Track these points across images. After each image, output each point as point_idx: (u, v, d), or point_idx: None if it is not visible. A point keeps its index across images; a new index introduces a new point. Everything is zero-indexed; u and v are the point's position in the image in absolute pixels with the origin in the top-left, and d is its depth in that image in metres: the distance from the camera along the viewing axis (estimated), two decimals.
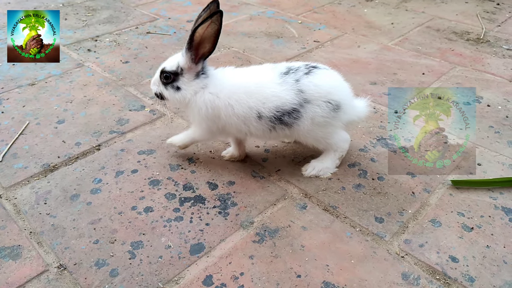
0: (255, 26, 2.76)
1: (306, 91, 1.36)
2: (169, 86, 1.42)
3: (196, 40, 1.34)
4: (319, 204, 1.42)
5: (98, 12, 2.92)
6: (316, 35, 2.65)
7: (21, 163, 1.57)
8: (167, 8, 3.03)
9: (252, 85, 1.38)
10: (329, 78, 1.42)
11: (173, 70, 1.40)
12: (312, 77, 1.38)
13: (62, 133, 1.73)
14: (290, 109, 1.36)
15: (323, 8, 3.10)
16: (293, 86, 1.36)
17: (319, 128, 1.41)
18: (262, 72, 1.42)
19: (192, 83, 1.40)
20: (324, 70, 1.44)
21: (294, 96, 1.35)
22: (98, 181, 1.50)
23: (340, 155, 1.54)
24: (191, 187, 1.48)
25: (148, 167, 1.56)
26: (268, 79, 1.38)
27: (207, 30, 1.33)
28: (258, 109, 1.36)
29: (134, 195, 1.44)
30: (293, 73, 1.39)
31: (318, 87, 1.37)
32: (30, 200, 1.41)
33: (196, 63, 1.38)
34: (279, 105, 1.36)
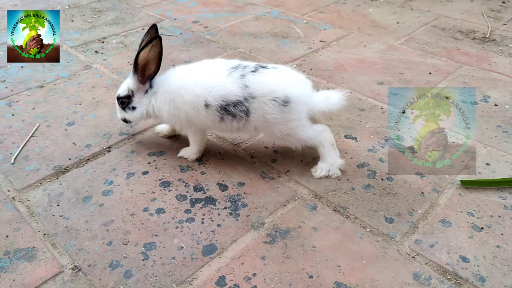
0: (261, 27, 2.77)
1: (250, 86, 1.41)
2: (127, 109, 1.56)
3: (141, 63, 1.47)
4: (329, 205, 1.43)
5: (104, 14, 2.93)
6: (322, 35, 2.66)
7: (33, 165, 1.59)
8: (173, 9, 3.04)
9: (199, 75, 1.48)
10: (273, 76, 1.45)
11: (125, 94, 1.54)
12: (257, 75, 1.43)
13: (72, 135, 1.75)
14: (235, 100, 1.41)
15: (328, 7, 3.10)
16: (238, 80, 1.42)
17: (277, 126, 1.45)
18: (212, 65, 1.51)
19: (143, 99, 1.54)
20: (271, 70, 1.47)
21: (238, 89, 1.41)
22: (109, 182, 1.51)
23: (329, 145, 1.52)
24: (201, 188, 1.49)
25: (158, 169, 1.58)
26: (216, 71, 1.47)
27: (150, 54, 1.46)
28: (204, 97, 1.43)
29: (145, 196, 1.45)
30: (241, 69, 1.45)
31: (261, 85, 1.41)
32: (43, 202, 1.43)
33: (143, 83, 1.52)
34: (224, 94, 1.42)
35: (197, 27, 2.76)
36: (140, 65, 1.47)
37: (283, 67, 1.52)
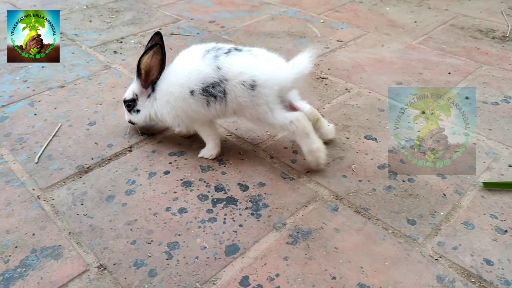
0: (277, 26, 2.77)
1: (222, 68, 1.44)
2: (132, 111, 1.66)
3: (143, 69, 1.53)
4: (350, 206, 1.43)
5: (122, 14, 2.96)
6: (339, 35, 2.65)
7: (56, 164, 1.61)
8: (189, 9, 3.05)
9: (178, 66, 1.53)
10: (243, 59, 1.45)
11: (131, 97, 1.64)
12: (229, 57, 1.45)
13: (94, 134, 1.77)
14: (212, 82, 1.44)
15: (345, 7, 3.09)
16: (211, 62, 1.45)
17: (248, 110, 1.47)
18: (188, 52, 1.54)
19: (146, 103, 1.62)
20: (243, 53, 1.48)
21: (212, 71, 1.44)
22: (131, 182, 1.53)
23: (302, 134, 1.48)
24: (222, 188, 1.50)
25: (179, 169, 1.59)
26: (192, 56, 1.51)
27: (152, 60, 1.53)
28: (187, 85, 1.47)
29: (167, 196, 1.47)
30: (215, 51, 1.47)
31: (231, 67, 1.43)
32: (67, 201, 1.45)
33: (146, 88, 1.59)
34: (201, 77, 1.45)
35: (214, 27, 2.77)
36: (142, 71, 1.54)
37: (258, 50, 1.51)
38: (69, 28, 2.75)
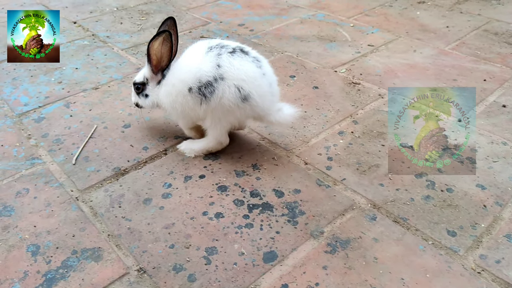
0: (307, 30, 2.76)
1: (222, 66, 1.42)
2: (140, 95, 1.65)
3: (153, 55, 1.53)
4: (388, 216, 1.41)
5: (152, 16, 2.99)
6: (370, 39, 2.62)
7: (93, 166, 1.64)
8: (218, 12, 3.07)
9: (183, 60, 1.53)
10: (249, 67, 1.44)
11: (141, 81, 1.63)
12: (233, 58, 1.44)
13: (129, 137, 1.79)
14: (206, 81, 1.44)
15: (374, 10, 3.06)
16: (212, 59, 1.44)
17: (219, 111, 1.48)
18: (195, 48, 1.54)
19: (155, 89, 1.60)
20: (249, 57, 1.46)
21: (211, 69, 1.43)
22: (168, 185, 1.54)
23: (209, 149, 1.62)
24: (258, 194, 1.50)
25: (214, 173, 1.59)
26: (196, 53, 1.50)
27: (163, 48, 1.51)
28: (187, 81, 1.48)
29: (203, 200, 1.47)
30: (219, 48, 1.46)
31: (233, 68, 1.41)
32: (105, 203, 1.47)
33: (156, 74, 1.58)
34: (199, 76, 1.45)
35: (243, 30, 2.78)
36: (154, 57, 1.53)
37: (265, 65, 1.52)
38: (101, 30, 2.79)
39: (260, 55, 1.54)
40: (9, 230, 1.37)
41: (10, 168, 1.63)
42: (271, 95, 1.51)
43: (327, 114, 1.91)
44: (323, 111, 1.94)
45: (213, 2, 3.24)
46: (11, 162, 1.66)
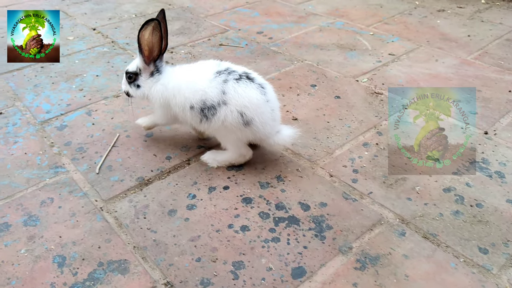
0: (326, 38, 2.74)
1: (227, 93, 1.48)
2: (132, 85, 1.67)
3: (147, 45, 1.56)
4: (417, 231, 1.38)
5: (170, 23, 2.99)
6: (390, 48, 2.60)
7: (116, 175, 1.63)
8: (236, 19, 3.06)
9: (190, 79, 1.55)
10: (253, 95, 1.49)
11: (134, 70, 1.65)
12: (238, 85, 1.48)
13: (152, 146, 1.78)
14: (210, 105, 1.50)
15: (394, 19, 3.03)
16: (218, 85, 1.49)
17: (226, 131, 1.53)
18: (204, 68, 1.58)
19: (147, 81, 1.63)
20: (254, 84, 1.50)
21: (216, 95, 1.49)
22: (192, 196, 1.53)
23: (232, 162, 1.64)
24: (283, 207, 1.48)
25: (238, 184, 1.58)
26: (204, 75, 1.53)
27: (153, 38, 1.54)
28: (190, 99, 1.52)
29: (229, 212, 1.46)
30: (227, 74, 1.51)
31: (238, 96, 1.47)
32: (130, 214, 1.46)
33: (148, 64, 1.61)
34: (204, 99, 1.50)
35: (262, 38, 2.77)
36: (146, 47, 1.57)
37: (270, 91, 1.55)
38: (120, 37, 2.80)
39: (265, 81, 1.57)
40: (34, 240, 1.37)
41: (34, 176, 1.63)
42: (272, 121, 1.55)
43: (350, 125, 1.89)
44: (346, 121, 1.91)
45: (231, 9, 3.25)
46: (35, 171, 1.66)
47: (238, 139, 1.55)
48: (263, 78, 1.59)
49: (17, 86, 2.25)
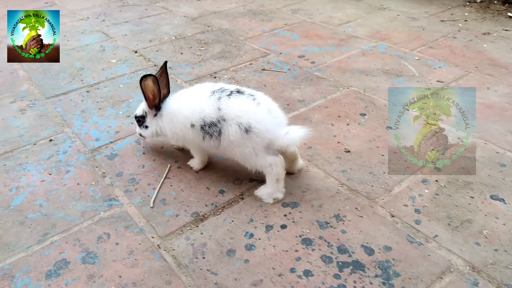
0: (370, 63, 2.69)
1: (222, 109, 1.56)
2: (142, 127, 1.83)
3: (148, 93, 1.71)
4: (491, 281, 1.31)
5: (211, 46, 3.00)
6: (438, 74, 2.53)
7: (171, 210, 1.61)
8: (276, 42, 3.05)
9: (188, 99, 1.68)
10: (243, 103, 1.56)
11: (140, 114, 1.82)
12: (229, 99, 1.57)
13: (204, 178, 1.76)
14: (210, 122, 1.58)
15: (438, 42, 2.96)
16: (214, 103, 1.58)
17: (236, 147, 1.57)
18: (200, 89, 1.68)
19: (153, 121, 1.79)
20: (245, 96, 1.58)
21: (213, 112, 1.57)
22: (250, 235, 1.49)
23: (274, 178, 1.60)
24: (346, 250, 1.42)
25: (296, 223, 1.54)
26: (201, 95, 1.64)
27: (155, 88, 1.70)
28: (190, 118, 1.62)
29: (289, 254, 1.41)
30: (220, 92, 1.61)
31: (230, 109, 1.55)
32: (188, 253, 1.43)
33: (151, 108, 1.76)
34: (202, 116, 1.59)
35: (304, 62, 2.74)
36: (147, 95, 1.72)
37: (262, 97, 1.61)
38: (162, 60, 2.81)
39: (256, 92, 1.64)
40: (94, 279, 1.35)
41: (89, 209, 1.63)
42: (273, 118, 1.58)
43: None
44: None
45: (270, 32, 3.23)
46: (89, 203, 1.65)
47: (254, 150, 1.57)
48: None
49: (64, 111, 2.27)
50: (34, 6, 4.01)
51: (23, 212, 1.62)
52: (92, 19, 3.64)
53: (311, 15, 3.57)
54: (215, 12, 3.70)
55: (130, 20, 3.57)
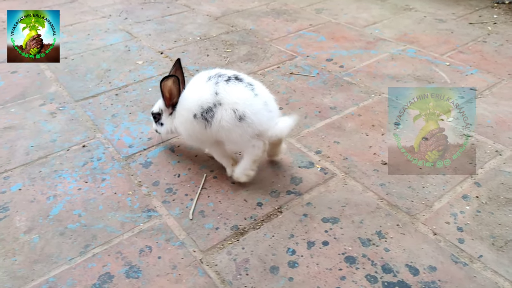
0: (400, 68, 2.65)
1: (219, 93, 1.60)
2: (158, 123, 1.87)
3: (165, 93, 1.73)
4: None
5: (236, 48, 2.97)
6: (470, 81, 2.49)
7: (210, 223, 1.61)
8: (302, 44, 3.01)
9: (188, 91, 1.71)
10: (242, 91, 1.60)
11: (157, 111, 1.86)
12: (227, 85, 1.61)
13: (240, 189, 1.75)
14: (207, 107, 1.61)
15: (468, 47, 2.91)
16: (211, 88, 1.62)
17: (225, 131, 1.62)
18: (198, 78, 1.71)
19: (168, 119, 1.82)
20: (242, 83, 1.62)
21: (210, 96, 1.60)
22: (292, 252, 1.48)
23: (250, 158, 1.69)
24: (390, 270, 1.41)
25: (338, 240, 1.53)
26: (197, 83, 1.68)
27: (173, 87, 1.72)
28: (191, 109, 1.65)
29: (333, 273, 1.41)
30: (218, 77, 1.64)
31: (228, 94, 1.59)
32: (231, 269, 1.43)
33: (168, 107, 1.79)
34: (200, 103, 1.62)
35: (332, 66, 2.70)
36: (165, 94, 1.74)
37: (259, 87, 1.65)
38: (189, 62, 2.80)
39: (254, 80, 1.68)
40: None
41: (128, 220, 1.63)
42: (267, 112, 1.63)
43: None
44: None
45: (295, 33, 3.20)
46: (128, 213, 1.66)
47: (240, 136, 1.62)
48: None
49: (95, 115, 2.27)
50: (54, 2, 3.99)
51: (62, 222, 1.63)
52: (115, 16, 3.62)
53: (336, 15, 3.52)
54: (238, 11, 3.66)
55: (153, 19, 3.55)
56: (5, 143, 2.06)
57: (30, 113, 2.30)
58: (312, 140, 2.03)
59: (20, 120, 2.24)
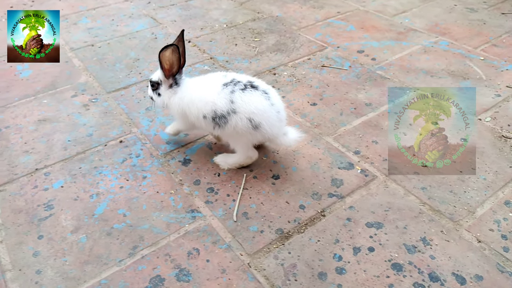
0: (433, 62, 2.61)
1: (235, 102, 1.64)
2: (155, 92, 1.86)
3: (163, 63, 1.74)
4: None
5: (264, 37, 2.92)
6: (506, 78, 2.45)
7: (255, 225, 1.62)
8: (331, 34, 2.95)
9: (201, 91, 1.73)
10: (258, 100, 1.65)
11: (155, 80, 1.85)
12: (244, 94, 1.65)
13: (281, 191, 1.76)
14: (220, 114, 1.67)
15: (501, 39, 2.85)
16: (227, 96, 1.66)
17: (237, 134, 1.70)
18: (212, 81, 1.74)
19: (167, 91, 1.82)
20: (258, 91, 1.66)
21: (225, 105, 1.65)
22: (338, 258, 1.50)
23: (241, 162, 1.84)
24: (437, 278, 1.43)
25: (383, 246, 1.54)
26: (213, 87, 1.70)
27: (173, 57, 1.72)
28: (202, 110, 1.71)
29: (381, 281, 1.43)
30: (233, 85, 1.67)
31: (244, 103, 1.64)
32: (279, 274, 1.45)
33: (167, 78, 1.79)
34: (214, 109, 1.68)
35: (364, 58, 2.66)
36: (163, 64, 1.74)
37: (274, 96, 1.71)
38: (218, 52, 2.76)
39: (269, 87, 1.73)
40: None
41: (173, 221, 1.65)
42: (279, 122, 1.71)
43: (485, 177, 1.80)
44: (480, 172, 1.83)
45: (323, 21, 3.13)
46: (172, 214, 1.67)
47: (248, 142, 1.74)
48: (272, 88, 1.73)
49: (128, 108, 2.26)
50: None
51: (108, 222, 1.65)
52: (137, 0, 3.56)
53: (364, 2, 3.44)
54: None
55: (176, 3, 3.48)
56: (42, 137, 2.07)
57: (62, 105, 2.29)
58: (350, 139, 2.02)
59: (54, 112, 2.23)
